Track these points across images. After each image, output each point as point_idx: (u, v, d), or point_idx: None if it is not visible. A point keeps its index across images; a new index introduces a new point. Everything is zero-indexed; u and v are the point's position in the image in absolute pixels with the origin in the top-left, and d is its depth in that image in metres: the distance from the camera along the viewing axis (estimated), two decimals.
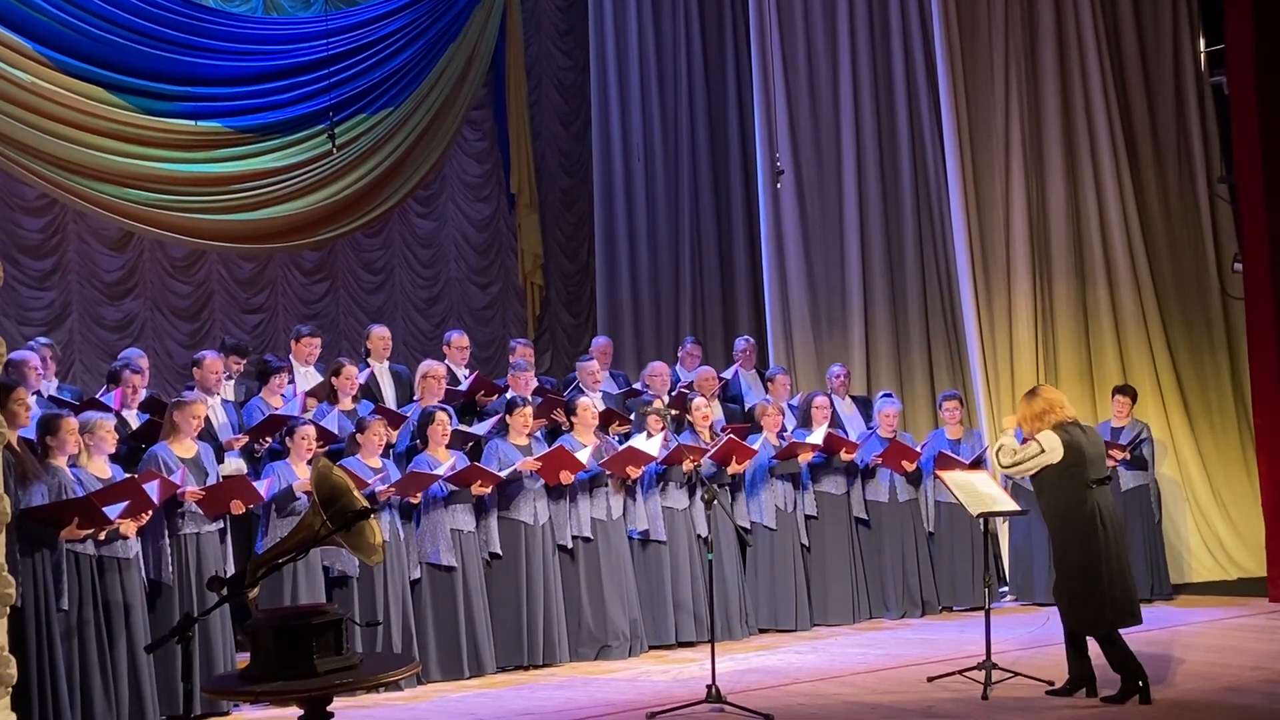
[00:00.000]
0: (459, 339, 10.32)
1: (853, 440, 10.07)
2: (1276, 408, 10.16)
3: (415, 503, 8.29)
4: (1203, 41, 11.57)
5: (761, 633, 9.57)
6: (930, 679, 7.57)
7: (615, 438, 9.47)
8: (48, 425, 6.96)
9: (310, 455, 7.94)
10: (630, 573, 9.02)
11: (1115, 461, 10.26)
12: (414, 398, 9.41)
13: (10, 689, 5.59)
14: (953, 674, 7.51)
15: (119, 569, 7.02)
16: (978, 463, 9.96)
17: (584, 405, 9.14)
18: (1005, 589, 10.66)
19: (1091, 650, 7.03)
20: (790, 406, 10.66)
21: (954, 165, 11.43)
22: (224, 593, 4.73)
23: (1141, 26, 11.63)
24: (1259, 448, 10.43)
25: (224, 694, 5.96)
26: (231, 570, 7.63)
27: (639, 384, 10.69)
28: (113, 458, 7.35)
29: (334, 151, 12.09)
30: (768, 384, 11.01)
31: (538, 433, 9.21)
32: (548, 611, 8.62)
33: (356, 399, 9.18)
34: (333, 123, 12.02)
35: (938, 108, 11.78)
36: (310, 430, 8.13)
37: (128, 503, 6.89)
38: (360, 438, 8.27)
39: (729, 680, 7.63)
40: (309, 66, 12.33)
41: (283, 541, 5.12)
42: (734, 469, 9.38)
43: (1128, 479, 10.36)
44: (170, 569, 7.36)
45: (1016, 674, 7.33)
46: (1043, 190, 11.43)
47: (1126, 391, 10.61)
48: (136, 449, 8.15)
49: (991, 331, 11.34)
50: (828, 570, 9.88)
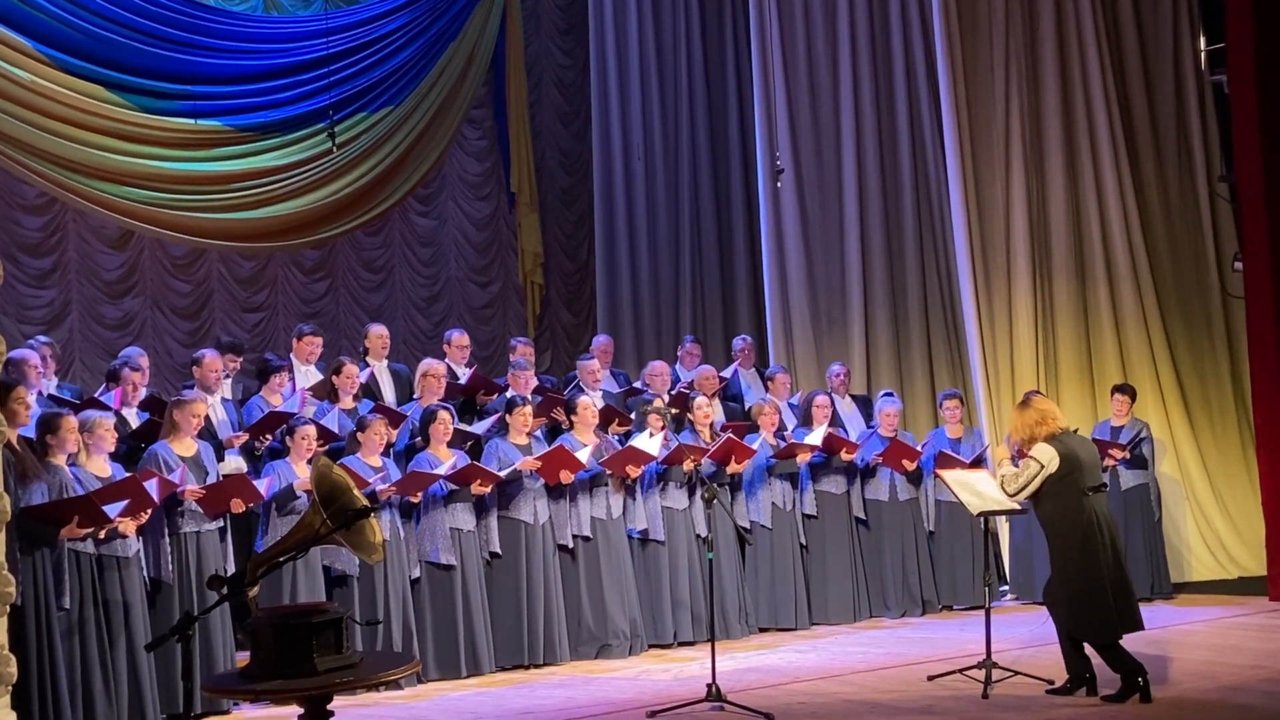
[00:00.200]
0: (459, 338, 10.31)
1: (853, 440, 10.08)
2: (1276, 406, 10.16)
3: (415, 502, 8.30)
4: (1203, 40, 11.57)
5: (761, 632, 9.57)
6: (930, 678, 7.57)
7: (615, 437, 9.47)
8: (48, 424, 6.95)
9: (310, 454, 7.94)
10: (630, 572, 9.02)
11: (1115, 460, 10.26)
12: (414, 396, 9.42)
13: (10, 687, 5.59)
14: (953, 673, 7.52)
15: (119, 567, 7.01)
16: (978, 462, 9.95)
17: (584, 404, 9.13)
18: (1005, 588, 10.67)
19: (1089, 648, 7.04)
20: (790, 405, 10.66)
21: (954, 164, 11.43)
22: (224, 591, 4.73)
23: (1142, 25, 11.63)
24: (1259, 446, 10.43)
25: (224, 692, 5.96)
26: (232, 569, 7.63)
27: (639, 383, 10.69)
28: (112, 456, 7.34)
29: (334, 150, 12.09)
30: (767, 383, 11.01)
31: (538, 432, 9.21)
32: (548, 611, 8.62)
33: (358, 398, 9.18)
34: (333, 121, 12.02)
35: (938, 107, 11.78)
36: (310, 429, 8.13)
37: (127, 501, 6.89)
38: (361, 436, 8.27)
39: (729, 679, 7.63)
40: (309, 65, 12.33)
41: (283, 540, 5.12)
42: (733, 468, 9.38)
43: (1128, 478, 10.36)
44: (170, 567, 7.36)
45: (1017, 673, 7.33)
46: (1043, 189, 11.43)
47: (1126, 390, 10.60)
48: (136, 448, 8.14)
49: (992, 330, 11.34)
50: (828, 569, 9.88)
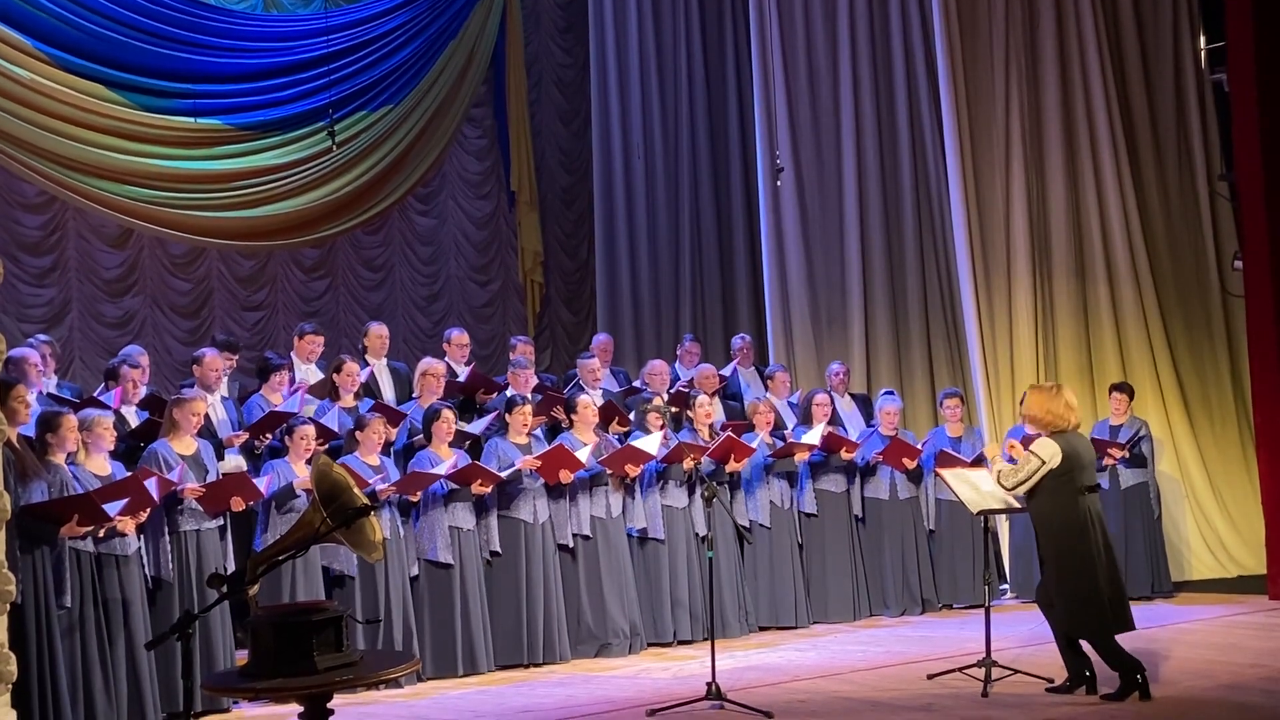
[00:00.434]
0: (459, 336, 10.31)
1: (853, 439, 10.07)
2: (1276, 405, 10.15)
3: (415, 500, 8.30)
4: (1203, 39, 11.58)
5: (761, 630, 9.58)
6: (930, 676, 7.57)
7: (615, 436, 9.47)
8: (48, 423, 6.95)
9: (309, 454, 7.94)
10: (630, 571, 9.02)
11: (1114, 459, 10.26)
12: (413, 395, 9.41)
13: (10, 686, 5.59)
14: (952, 671, 7.51)
15: (118, 566, 7.01)
16: (979, 460, 9.95)
17: (584, 403, 9.13)
18: (1005, 587, 10.67)
19: (1086, 646, 7.04)
20: (790, 404, 10.66)
21: (954, 163, 11.43)
22: (224, 590, 4.73)
23: (1142, 24, 11.63)
24: (1259, 445, 10.43)
25: (224, 691, 5.95)
26: (232, 567, 7.63)
27: (639, 382, 10.69)
28: (112, 455, 7.33)
29: (334, 148, 12.10)
30: (767, 382, 11.01)
31: (538, 431, 9.20)
32: (548, 610, 8.62)
33: (358, 396, 9.18)
34: (333, 120, 12.03)
35: (938, 106, 11.78)
36: (309, 429, 8.12)
37: (127, 500, 6.89)
38: (359, 436, 8.26)
39: (729, 678, 7.64)
40: (309, 64, 12.34)
41: (283, 539, 5.12)
42: (732, 467, 9.38)
43: (1127, 477, 10.36)
44: (170, 566, 7.36)
45: (1016, 671, 7.32)
46: (1043, 188, 11.43)
47: (1124, 389, 10.61)
48: (135, 447, 8.14)
49: (992, 329, 11.35)
50: (828, 568, 9.88)
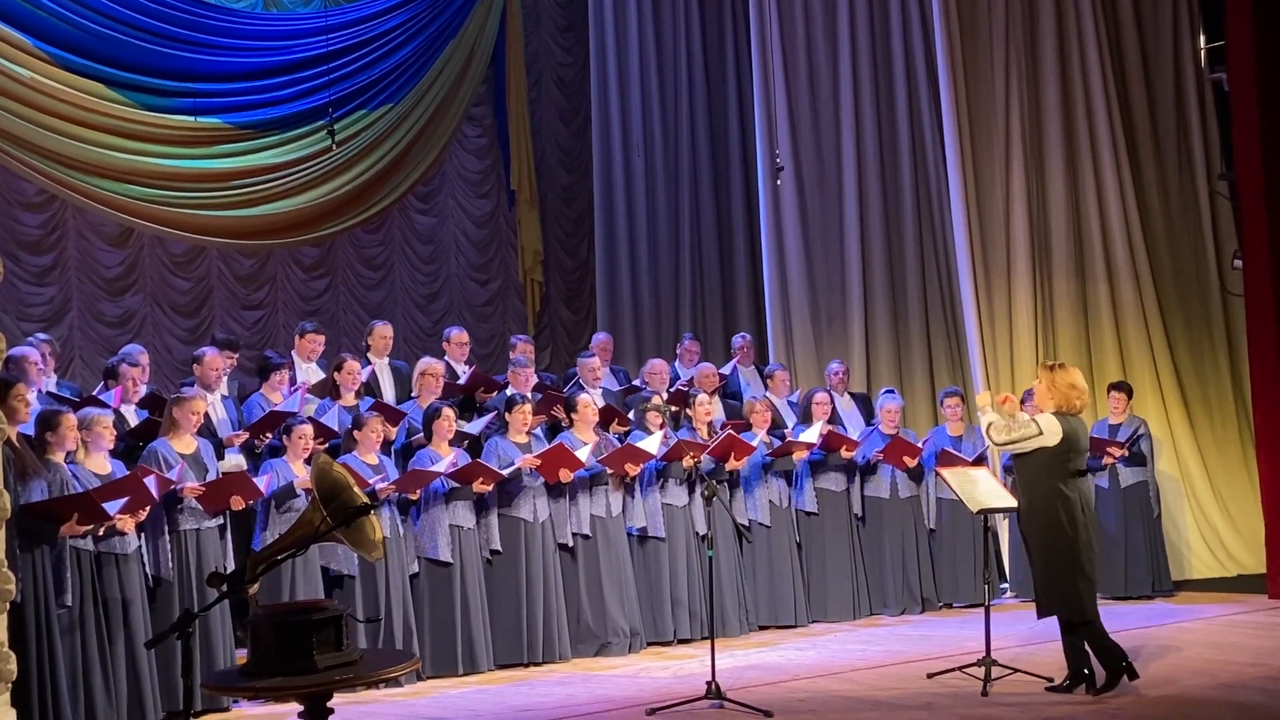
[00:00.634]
0: (458, 335, 10.31)
1: (852, 437, 10.07)
2: (1276, 404, 10.15)
3: (414, 499, 8.29)
4: (1203, 38, 11.58)
5: (761, 629, 9.58)
6: (930, 675, 7.57)
7: (615, 436, 9.46)
8: (47, 421, 6.94)
9: (307, 454, 7.94)
10: (630, 570, 9.01)
11: (1114, 458, 10.27)
12: (411, 395, 9.41)
13: (10, 685, 5.59)
14: (952, 670, 7.51)
15: (118, 565, 7.01)
16: (980, 460, 9.95)
17: (584, 402, 9.12)
18: (1005, 586, 10.66)
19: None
20: (790, 403, 10.66)
21: (954, 162, 11.43)
22: (224, 589, 4.73)
23: (1142, 23, 11.63)
24: (1258, 444, 10.43)
25: (224, 690, 5.95)
26: (231, 566, 7.62)
27: (638, 380, 10.69)
28: (111, 454, 7.33)
29: (334, 147, 12.09)
30: (766, 380, 11.01)
31: (538, 430, 9.20)
32: (547, 609, 8.62)
33: (359, 395, 9.17)
34: (332, 119, 12.02)
35: (938, 105, 11.78)
36: (308, 429, 8.11)
37: (127, 499, 6.89)
38: (357, 435, 8.25)
39: (728, 677, 7.64)
40: (309, 62, 12.33)
41: (283, 538, 5.11)
42: (732, 465, 9.38)
43: (1127, 475, 10.36)
44: (170, 565, 7.36)
45: (1016, 670, 7.32)
46: (1043, 187, 11.43)
47: (1122, 388, 10.61)
48: (134, 446, 8.13)
49: (991, 328, 11.35)
50: (828, 567, 9.88)
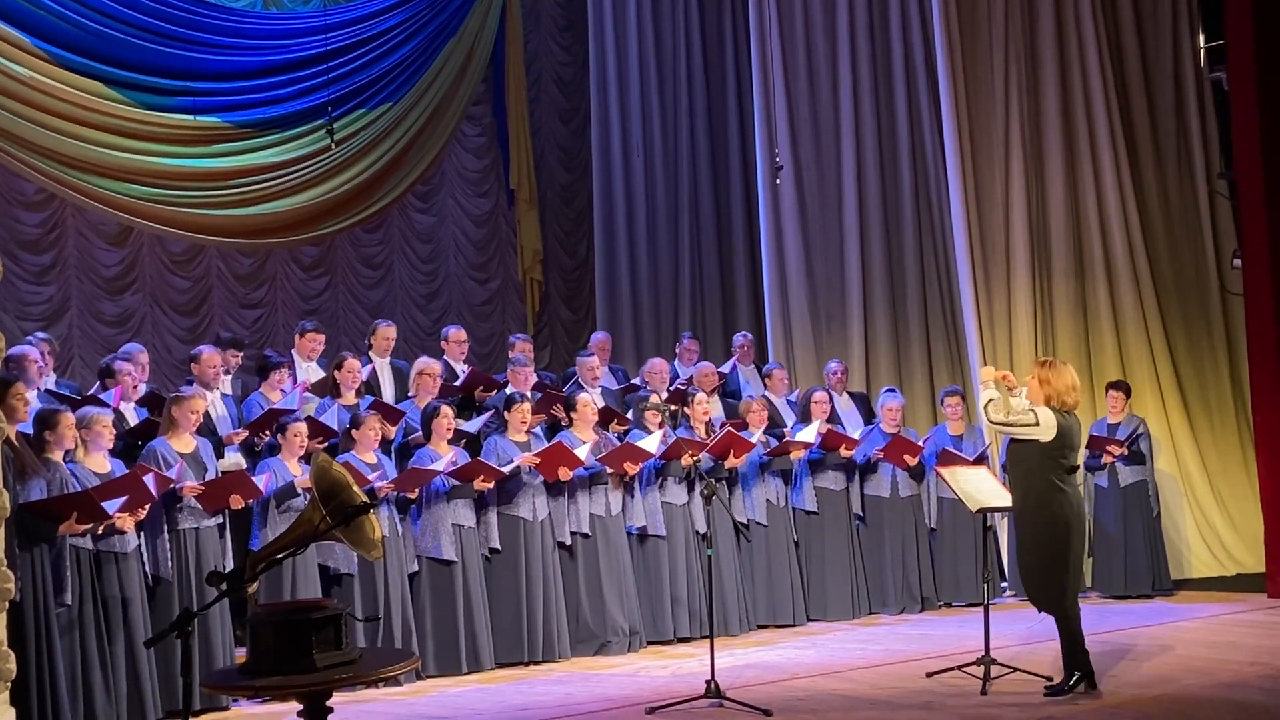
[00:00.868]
0: (456, 334, 10.31)
1: (851, 436, 10.07)
2: (1275, 404, 10.16)
3: (412, 498, 8.29)
4: (1202, 37, 11.58)
5: (760, 629, 9.58)
6: (929, 674, 7.57)
7: (614, 435, 9.46)
8: (46, 420, 6.94)
9: (302, 451, 7.95)
10: (629, 569, 9.01)
11: (1113, 457, 10.27)
12: (409, 395, 9.40)
13: (9, 684, 5.59)
14: (952, 669, 7.51)
15: (117, 563, 7.01)
16: (980, 459, 9.96)
17: (584, 401, 9.13)
18: (1005, 585, 10.66)
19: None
20: (789, 402, 10.66)
21: (954, 162, 11.43)
22: (223, 588, 4.73)
23: (1141, 23, 11.63)
24: (1258, 444, 10.43)
25: (223, 689, 5.95)
26: (230, 565, 7.62)
27: (638, 379, 10.69)
28: (110, 453, 7.33)
29: (333, 147, 12.09)
30: (765, 380, 11.01)
31: (537, 429, 9.20)
32: (547, 608, 8.62)
33: (360, 393, 9.17)
34: (331, 118, 12.01)
35: (938, 105, 11.77)
36: (302, 427, 8.10)
37: (126, 497, 6.88)
38: (355, 434, 8.25)
39: (728, 675, 7.64)
40: (308, 61, 12.33)
41: (282, 536, 5.11)
42: (731, 463, 9.38)
43: (1126, 475, 10.36)
44: (169, 564, 7.36)
45: (1015, 669, 7.33)
46: (1042, 187, 11.43)
47: (1120, 387, 10.61)
48: (133, 445, 8.13)
49: (991, 328, 11.35)
50: (827, 566, 9.88)
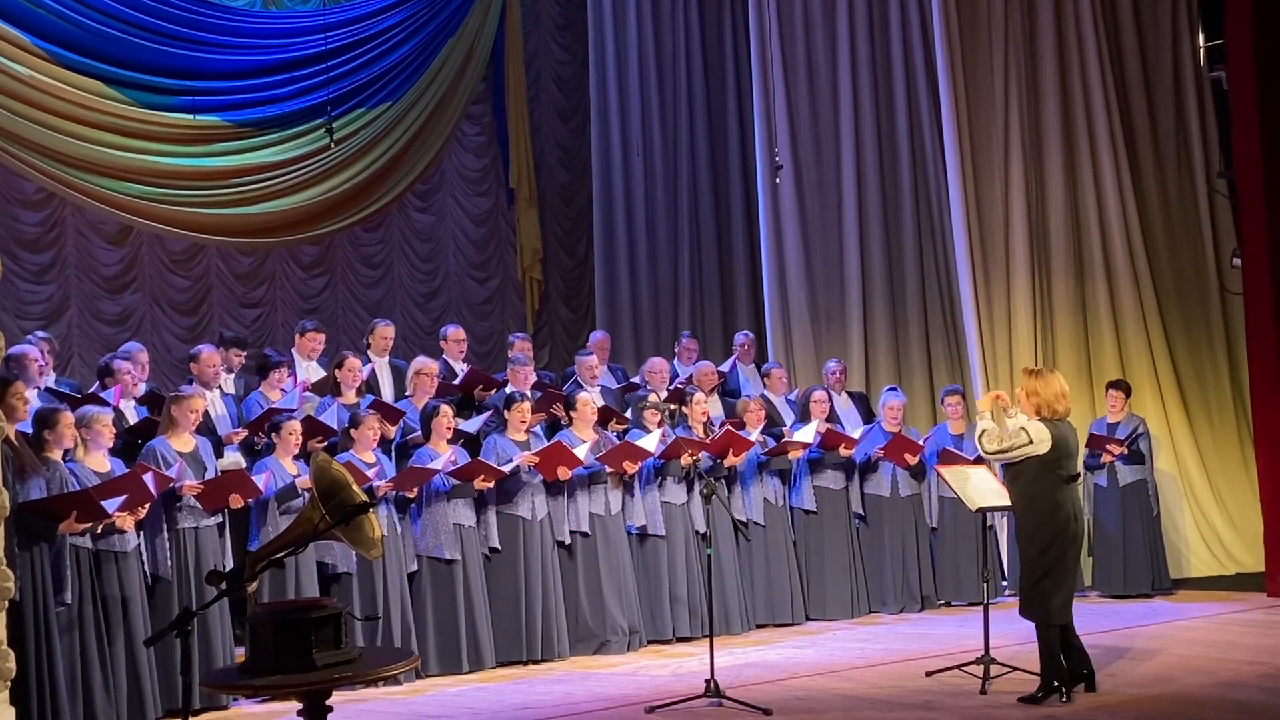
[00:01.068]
0: (455, 333, 10.30)
1: (851, 435, 10.06)
2: (1275, 403, 10.16)
3: (412, 497, 8.29)
4: (1202, 37, 11.58)
5: (759, 628, 9.58)
6: (928, 674, 7.57)
7: (614, 434, 9.46)
8: (44, 419, 6.94)
9: (297, 450, 7.95)
10: (629, 568, 9.01)
11: (1113, 456, 10.27)
12: (406, 394, 9.39)
13: (9, 683, 5.59)
14: (951, 669, 7.52)
15: (117, 563, 7.01)
16: (980, 458, 9.94)
17: (583, 400, 9.13)
18: (1005, 584, 10.66)
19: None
20: (788, 401, 10.66)
21: (953, 162, 11.43)
22: (223, 587, 4.73)
23: (1141, 22, 11.63)
24: (1257, 443, 10.44)
25: (223, 688, 5.95)
26: (230, 564, 7.63)
27: (637, 378, 10.69)
28: (110, 452, 7.32)
29: (332, 146, 12.09)
30: (764, 379, 11.01)
31: (536, 428, 9.20)
32: (546, 607, 8.62)
33: (360, 392, 9.16)
34: (331, 117, 12.01)
35: (938, 105, 11.77)
36: (296, 425, 8.09)
37: (125, 496, 6.88)
38: (354, 433, 8.24)
39: (727, 675, 7.65)
40: (307, 61, 12.32)
41: (281, 535, 5.12)
42: (730, 461, 9.37)
43: (1125, 474, 10.36)
44: (169, 563, 7.36)
45: (1015, 669, 7.32)
46: (1042, 187, 11.43)
47: (1120, 386, 10.62)
48: (133, 444, 8.13)
49: (991, 328, 11.35)
50: (826, 565, 9.87)
